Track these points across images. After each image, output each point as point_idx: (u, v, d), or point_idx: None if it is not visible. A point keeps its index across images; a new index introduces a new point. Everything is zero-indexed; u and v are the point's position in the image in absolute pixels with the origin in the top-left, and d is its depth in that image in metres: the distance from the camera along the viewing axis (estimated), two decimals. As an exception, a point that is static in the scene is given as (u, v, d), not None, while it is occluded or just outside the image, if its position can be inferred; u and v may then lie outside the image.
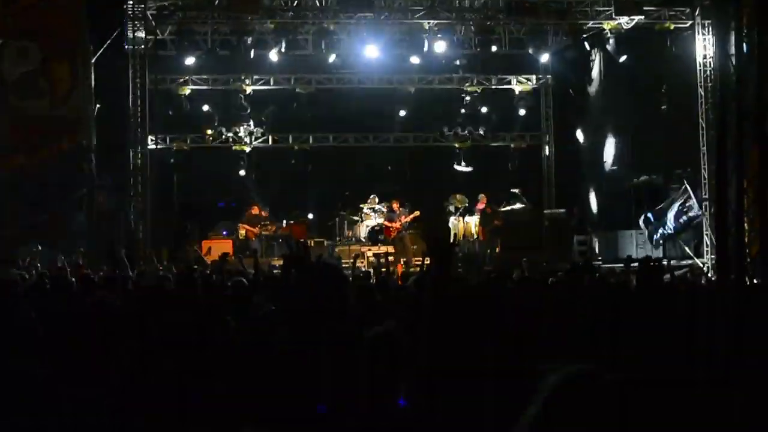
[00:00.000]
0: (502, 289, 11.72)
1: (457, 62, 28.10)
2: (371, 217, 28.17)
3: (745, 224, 20.63)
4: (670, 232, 25.31)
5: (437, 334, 6.38)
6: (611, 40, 25.75)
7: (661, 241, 25.36)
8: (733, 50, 20.09)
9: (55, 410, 6.28)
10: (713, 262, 22.90)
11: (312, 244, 27.58)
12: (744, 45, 20.27)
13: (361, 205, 28.60)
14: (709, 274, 21.21)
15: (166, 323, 7.32)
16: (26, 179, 22.20)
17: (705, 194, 24.52)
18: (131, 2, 24.65)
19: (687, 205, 25.02)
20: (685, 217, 25.01)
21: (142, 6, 24.89)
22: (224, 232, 28.25)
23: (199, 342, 6.79)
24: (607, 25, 25.82)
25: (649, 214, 25.89)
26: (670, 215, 25.20)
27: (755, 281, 12.86)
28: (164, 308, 8.24)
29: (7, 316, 7.98)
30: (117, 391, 6.52)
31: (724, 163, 10.89)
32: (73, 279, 12.51)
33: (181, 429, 6.17)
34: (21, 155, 22.45)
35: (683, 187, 25.53)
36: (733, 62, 20.17)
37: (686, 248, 25.27)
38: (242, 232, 27.33)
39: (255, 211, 27.64)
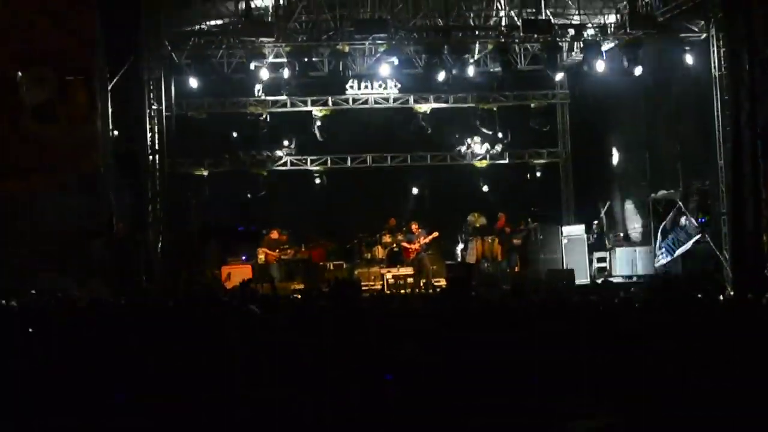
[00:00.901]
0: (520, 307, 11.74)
1: (473, 80, 28.03)
2: (389, 238, 28.15)
3: (764, 237, 20.61)
4: (672, 254, 25.14)
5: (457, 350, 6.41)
6: (626, 55, 25.63)
7: (665, 264, 25.20)
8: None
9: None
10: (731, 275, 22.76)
11: (331, 267, 27.66)
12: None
13: (381, 228, 28.60)
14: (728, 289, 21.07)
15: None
16: (43, 204, 22.26)
17: (723, 208, 24.33)
18: (147, 28, 24.79)
19: (682, 227, 24.91)
20: (685, 239, 24.85)
21: (158, 31, 25.06)
22: (243, 257, 28.27)
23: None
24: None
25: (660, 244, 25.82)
26: (669, 240, 25.11)
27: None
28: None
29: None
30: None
31: (739, 182, 10.83)
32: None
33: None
34: (38, 180, 22.50)
35: (674, 208, 25.46)
36: (746, 78, 20.18)
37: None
38: (261, 256, 27.34)
39: (274, 235, 27.67)
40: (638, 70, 25.60)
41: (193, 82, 26.66)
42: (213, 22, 25.98)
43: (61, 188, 22.35)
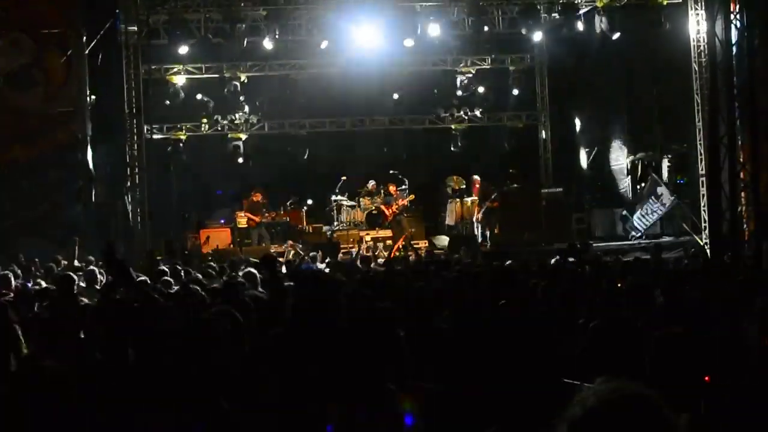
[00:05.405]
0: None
1: (451, 43, 27.96)
2: (368, 201, 28.17)
3: (743, 200, 20.76)
4: (644, 227, 25.52)
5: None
6: (604, 18, 25.54)
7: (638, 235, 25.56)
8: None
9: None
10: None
11: (310, 230, 27.68)
12: (737, 22, 20.35)
13: (359, 190, 28.62)
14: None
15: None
16: (22, 172, 22.22)
17: (701, 170, 24.48)
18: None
19: (658, 196, 25.18)
20: (658, 209, 25.16)
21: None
22: (222, 221, 28.22)
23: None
24: (600, 3, 25.67)
25: (625, 212, 26.18)
26: (643, 211, 25.45)
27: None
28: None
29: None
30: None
31: (716, 145, 10.85)
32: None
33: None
34: (17, 148, 22.46)
35: (650, 177, 25.70)
36: (724, 39, 20.25)
37: (684, 225, 25.24)
38: (243, 220, 27.22)
39: (257, 197, 27.38)
40: (616, 33, 25.54)
41: (171, 47, 26.45)
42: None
43: (40, 156, 22.30)
